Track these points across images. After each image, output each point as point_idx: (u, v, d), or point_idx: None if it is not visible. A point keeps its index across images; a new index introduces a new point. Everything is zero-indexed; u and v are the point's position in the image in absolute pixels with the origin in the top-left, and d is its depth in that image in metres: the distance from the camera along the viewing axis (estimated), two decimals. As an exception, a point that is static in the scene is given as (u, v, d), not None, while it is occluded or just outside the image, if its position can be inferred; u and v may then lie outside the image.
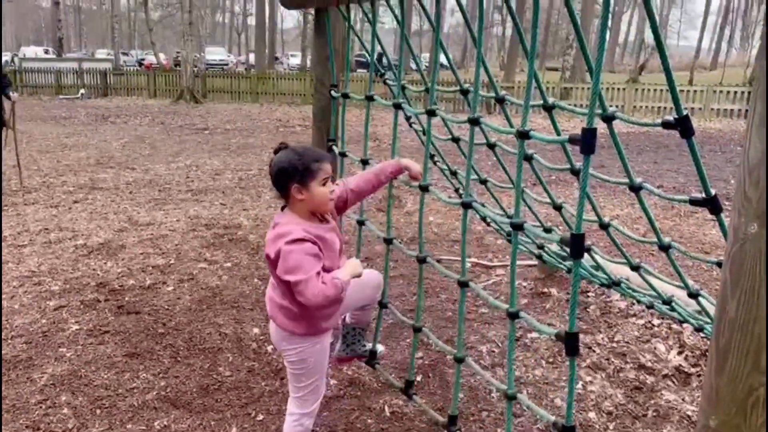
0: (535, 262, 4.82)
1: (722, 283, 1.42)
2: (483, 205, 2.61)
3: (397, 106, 2.61)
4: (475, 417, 3.00)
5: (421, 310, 2.71)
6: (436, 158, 3.57)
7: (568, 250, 1.72)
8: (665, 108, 18.06)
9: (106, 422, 2.97)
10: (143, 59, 43.47)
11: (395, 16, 2.78)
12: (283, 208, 2.32)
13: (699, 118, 15.50)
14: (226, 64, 44.41)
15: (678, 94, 1.65)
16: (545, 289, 4.44)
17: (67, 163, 9.67)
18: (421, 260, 2.53)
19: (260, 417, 3.05)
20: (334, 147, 3.40)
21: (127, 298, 4.35)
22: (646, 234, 5.87)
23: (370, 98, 2.83)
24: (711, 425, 1.45)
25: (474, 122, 2.10)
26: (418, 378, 3.32)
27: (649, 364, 3.38)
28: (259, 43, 34.26)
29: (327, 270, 2.18)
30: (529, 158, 2.68)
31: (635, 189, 2.07)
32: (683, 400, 3.09)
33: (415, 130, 3.52)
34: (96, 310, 4.16)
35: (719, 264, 2.17)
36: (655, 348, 3.53)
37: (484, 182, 3.32)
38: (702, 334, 3.56)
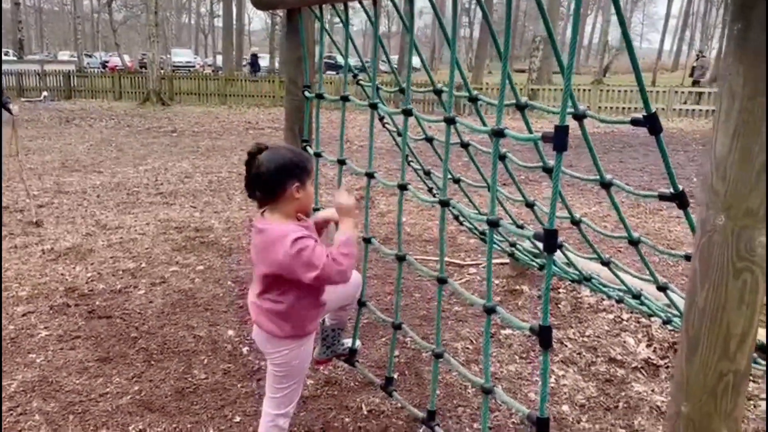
0: (506, 260, 4.88)
1: (691, 274, 1.48)
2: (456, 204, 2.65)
3: (373, 107, 2.63)
4: (452, 413, 3.04)
5: (399, 307, 2.74)
6: (410, 158, 3.60)
7: (540, 246, 1.76)
8: (629, 108, 18.42)
9: (80, 428, 2.92)
10: (107, 61, 42.72)
11: (368, 17, 2.80)
12: (263, 213, 2.29)
13: (662, 118, 15.83)
14: (193, 66, 43.88)
15: (647, 94, 1.70)
16: (517, 287, 4.51)
17: (31, 166, 9.46)
18: (401, 258, 2.55)
19: (237, 419, 3.04)
20: (308, 147, 3.41)
21: (97, 303, 4.28)
22: (614, 230, 6.00)
23: (345, 98, 2.85)
24: (683, 411, 1.50)
25: (450, 121, 2.14)
26: (395, 375, 3.34)
27: (619, 357, 3.47)
28: (227, 45, 33.97)
29: (276, 278, 2.17)
30: (502, 157, 2.74)
31: (606, 186, 2.13)
32: (653, 391, 3.17)
33: (388, 130, 3.54)
34: (66, 315, 4.09)
35: (687, 257, 2.25)
36: (624, 342, 3.61)
37: (457, 181, 3.36)
38: (670, 327, 3.66)
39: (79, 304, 4.28)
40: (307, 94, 3.22)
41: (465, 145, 2.96)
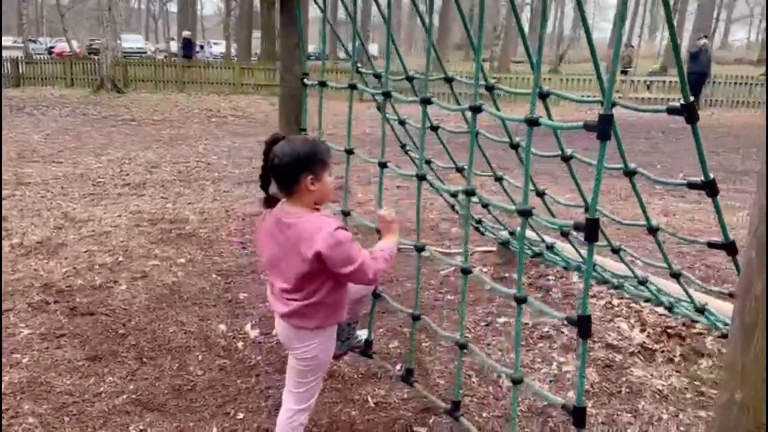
0: (493, 248, 4.91)
1: (747, 263, 1.49)
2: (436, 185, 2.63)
3: (387, 95, 2.58)
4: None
5: (419, 298, 2.72)
6: (408, 147, 3.57)
7: (578, 235, 1.75)
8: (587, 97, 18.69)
9: (78, 429, 2.81)
10: (53, 47, 41.07)
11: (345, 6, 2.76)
12: (269, 204, 2.22)
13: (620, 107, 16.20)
14: (144, 52, 42.62)
15: (686, 81, 1.71)
16: (505, 274, 4.54)
17: (-14, 157, 9.04)
18: (420, 249, 2.52)
19: (240, 415, 2.98)
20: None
21: (78, 299, 4.12)
22: (626, 220, 6.12)
23: (353, 87, 2.79)
24: (736, 399, 1.51)
25: (476, 110, 2.11)
26: (398, 366, 3.32)
27: (615, 342, 3.52)
28: (182, 31, 33.07)
29: (312, 274, 2.12)
30: (515, 146, 2.73)
31: (629, 174, 2.14)
32: (651, 375, 3.24)
33: (387, 120, 3.49)
34: (46, 312, 3.93)
35: (709, 244, 2.28)
36: (618, 327, 3.67)
37: (460, 170, 3.35)
38: (660, 311, 3.74)
39: (59, 300, 4.11)
40: (306, 81, 3.15)
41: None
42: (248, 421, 2.93)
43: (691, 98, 1.72)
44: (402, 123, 3.14)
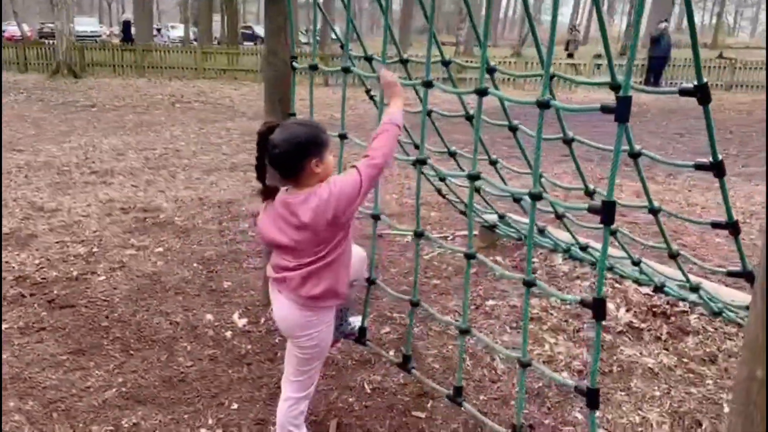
0: (475, 231, 4.92)
1: (768, 241, 1.50)
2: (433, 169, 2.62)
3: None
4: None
5: (417, 284, 2.70)
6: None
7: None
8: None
9: (68, 425, 2.73)
10: (3, 31, 39.51)
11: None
12: (267, 195, 2.18)
13: (586, 90, 16.39)
14: (99, 36, 41.33)
15: (700, 64, 1.72)
16: (489, 258, 4.55)
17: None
18: (419, 235, 2.50)
19: (234, 406, 2.93)
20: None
21: (56, 292, 3.99)
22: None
23: (346, 70, 2.73)
24: (758, 376, 1.53)
25: (482, 93, 2.09)
26: (391, 352, 3.31)
27: (603, 322, 3.56)
28: (139, 13, 32.14)
29: (331, 237, 2.11)
30: (514, 129, 2.72)
31: (634, 156, 2.15)
32: (641, 354, 3.30)
33: (375, 102, 3.45)
34: (23, 306, 3.79)
35: (713, 224, 2.32)
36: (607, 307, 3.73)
37: (453, 155, 3.33)
38: (659, 293, 3.80)
39: (35, 293, 3.97)
40: (295, 65, 3.08)
41: (469, 118, 2.92)
42: (243, 411, 2.89)
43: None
44: (428, 113, 3.09)
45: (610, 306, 3.74)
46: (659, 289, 3.16)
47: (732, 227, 2.18)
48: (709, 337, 3.43)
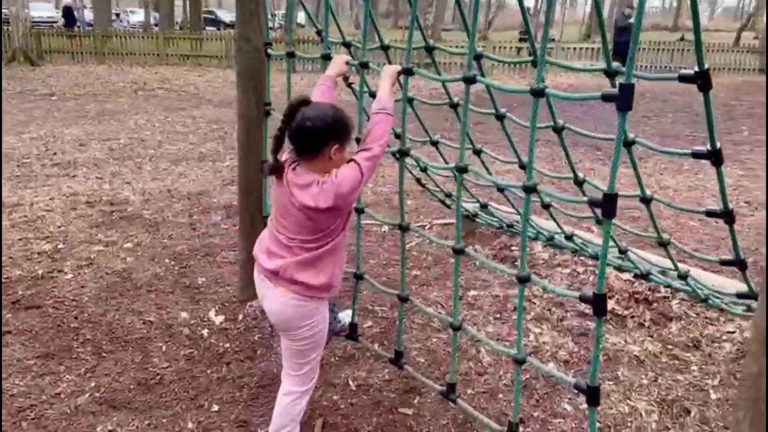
0: (452, 220, 4.86)
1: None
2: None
3: (365, 66, 2.44)
4: (441, 381, 2.98)
5: (405, 278, 2.63)
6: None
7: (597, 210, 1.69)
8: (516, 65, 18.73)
9: (39, 435, 2.59)
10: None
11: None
12: (276, 171, 2.13)
13: (554, 74, 16.46)
14: (55, 21, 40.01)
15: (702, 51, 1.66)
16: (468, 248, 4.50)
17: None
18: (404, 228, 2.42)
19: (215, 407, 2.83)
20: (272, 111, 3.15)
21: (20, 292, 3.81)
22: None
23: (326, 57, 2.62)
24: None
25: (470, 81, 2.00)
26: (376, 347, 3.23)
27: (586, 310, 3.55)
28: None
29: (330, 224, 2.09)
30: (501, 117, 2.64)
31: (628, 144, 2.10)
32: (626, 341, 3.29)
33: (353, 90, 3.34)
34: (-15, 308, 3.61)
35: (708, 213, 2.29)
36: (587, 295, 3.71)
37: (435, 144, 3.25)
38: (625, 276, 3.80)
39: (-2, 294, 3.79)
40: (270, 52, 2.95)
41: (454, 106, 2.84)
42: (225, 413, 2.79)
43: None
44: (374, 96, 3.00)
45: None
46: (643, 276, 3.14)
47: (727, 216, 2.15)
48: (691, 323, 3.43)
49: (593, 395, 1.87)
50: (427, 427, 2.66)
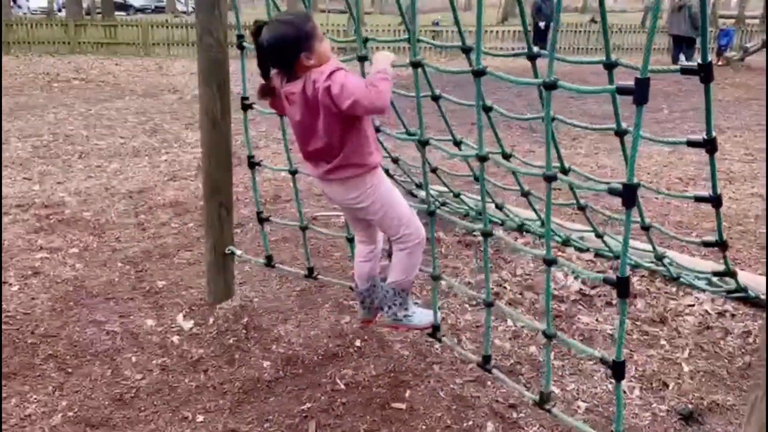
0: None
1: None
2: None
3: (363, 59, 2.40)
4: (429, 371, 2.99)
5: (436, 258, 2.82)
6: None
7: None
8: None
9: (14, 464, 2.42)
10: None
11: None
12: (265, 94, 2.42)
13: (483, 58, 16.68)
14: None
15: (707, 42, 1.71)
16: (436, 235, 4.52)
17: None
18: (431, 214, 2.51)
19: (200, 418, 2.72)
20: (254, 106, 3.06)
21: (-37, 309, 3.53)
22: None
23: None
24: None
25: (479, 74, 1.99)
26: (357, 343, 3.21)
27: (556, 292, 3.65)
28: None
29: (336, 126, 2.29)
30: (488, 108, 2.65)
31: (620, 134, 2.15)
32: (597, 320, 3.40)
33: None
34: (-74, 329, 3.31)
35: (696, 198, 2.38)
36: (554, 277, 3.81)
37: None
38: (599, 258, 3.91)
39: (-62, 313, 3.48)
40: (245, 44, 2.84)
41: (436, 98, 2.82)
42: (211, 422, 2.69)
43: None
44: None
45: (559, 275, 3.82)
46: (616, 257, 3.26)
47: (715, 201, 2.25)
48: (654, 298, 3.59)
49: (618, 369, 1.94)
50: (422, 420, 2.66)
